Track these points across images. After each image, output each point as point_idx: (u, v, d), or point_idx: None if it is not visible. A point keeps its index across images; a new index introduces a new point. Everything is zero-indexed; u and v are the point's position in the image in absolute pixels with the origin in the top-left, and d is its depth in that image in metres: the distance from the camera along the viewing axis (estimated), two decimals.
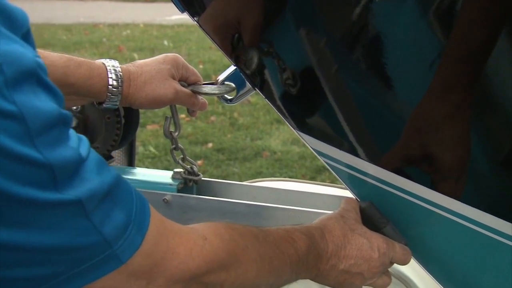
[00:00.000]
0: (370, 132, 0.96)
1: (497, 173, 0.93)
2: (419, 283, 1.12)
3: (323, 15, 0.95)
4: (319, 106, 0.98)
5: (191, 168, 1.11)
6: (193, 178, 1.12)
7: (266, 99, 1.02)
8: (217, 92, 1.11)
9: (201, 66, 5.88)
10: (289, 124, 1.01)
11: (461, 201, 0.92)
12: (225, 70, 1.13)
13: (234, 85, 1.12)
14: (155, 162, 3.82)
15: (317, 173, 3.64)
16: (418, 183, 0.93)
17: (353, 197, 0.99)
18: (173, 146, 1.11)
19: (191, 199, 1.06)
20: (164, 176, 1.11)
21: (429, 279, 1.01)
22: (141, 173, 1.15)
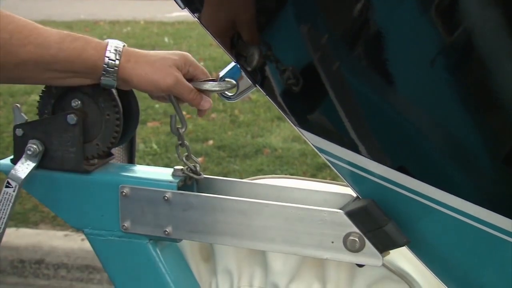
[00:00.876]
0: (371, 129, 0.96)
1: (499, 169, 0.93)
2: (422, 282, 1.12)
3: (324, 10, 0.94)
4: (320, 102, 0.98)
5: (194, 167, 1.11)
6: (195, 176, 1.11)
7: (267, 96, 1.01)
8: (217, 89, 1.11)
9: (201, 63, 5.82)
10: (290, 121, 1.00)
11: (463, 198, 0.91)
12: (225, 67, 1.13)
13: (235, 82, 1.11)
14: (155, 159, 3.82)
15: (318, 170, 3.63)
16: (420, 180, 0.93)
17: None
18: (180, 142, 1.11)
19: (191, 196, 1.06)
20: (164, 174, 1.10)
21: (432, 278, 1.01)
22: (141, 171, 1.14)
